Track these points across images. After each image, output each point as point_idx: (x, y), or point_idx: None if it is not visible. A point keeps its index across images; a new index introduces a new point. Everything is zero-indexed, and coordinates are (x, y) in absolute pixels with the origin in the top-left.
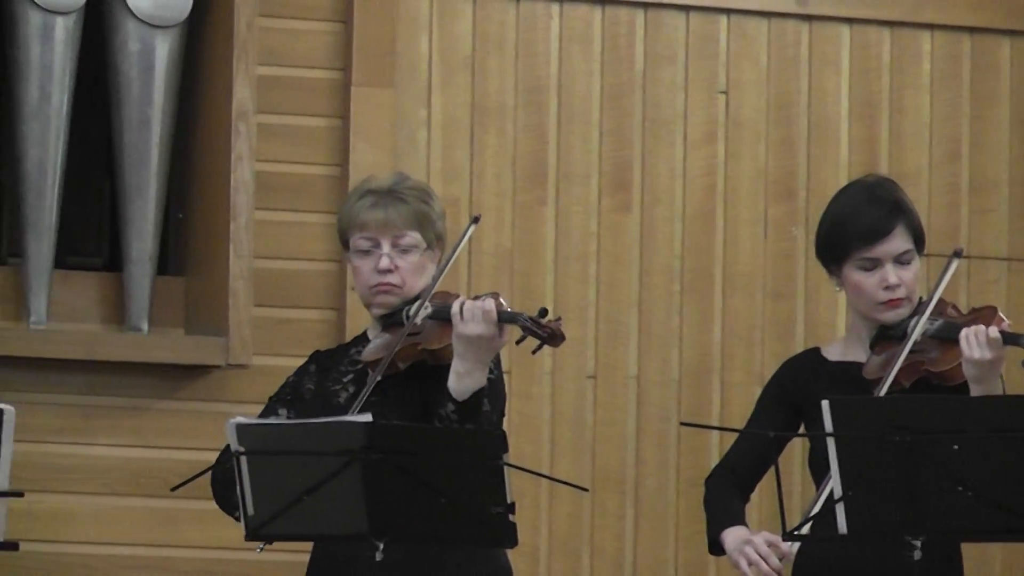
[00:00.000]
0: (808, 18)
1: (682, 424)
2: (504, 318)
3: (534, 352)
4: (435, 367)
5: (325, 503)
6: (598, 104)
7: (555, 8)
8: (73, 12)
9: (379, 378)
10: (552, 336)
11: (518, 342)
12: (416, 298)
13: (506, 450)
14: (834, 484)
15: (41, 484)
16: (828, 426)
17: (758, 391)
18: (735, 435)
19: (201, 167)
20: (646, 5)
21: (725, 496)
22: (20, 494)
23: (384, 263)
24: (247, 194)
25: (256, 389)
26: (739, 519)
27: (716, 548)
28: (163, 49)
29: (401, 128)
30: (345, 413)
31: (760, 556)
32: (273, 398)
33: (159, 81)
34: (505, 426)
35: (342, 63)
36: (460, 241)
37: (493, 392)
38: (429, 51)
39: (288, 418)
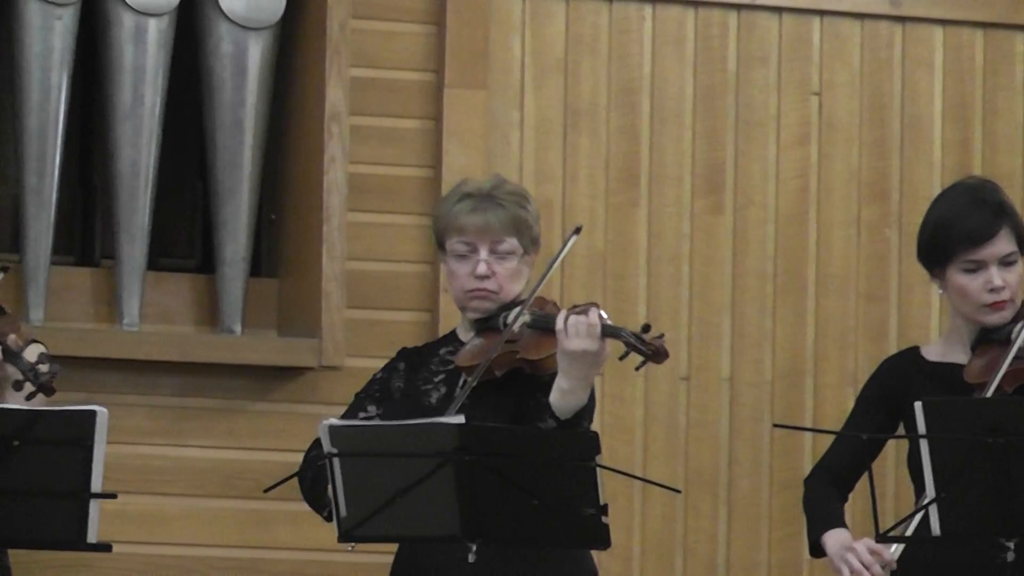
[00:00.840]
0: (901, 19)
1: (775, 426)
2: (607, 332)
3: (637, 369)
4: (532, 376)
5: (418, 504)
6: (691, 105)
7: (648, 9)
8: (166, 14)
9: (474, 383)
10: (656, 353)
11: (621, 358)
12: (512, 304)
13: (599, 451)
14: (927, 486)
15: (134, 486)
16: (921, 427)
17: (851, 393)
18: (828, 437)
19: (294, 169)
20: (739, 7)
21: (825, 497)
22: (113, 496)
23: (482, 269)
24: (340, 196)
25: (348, 391)
26: (839, 521)
27: (817, 551)
28: (256, 51)
29: (494, 130)
30: (436, 414)
31: (863, 564)
32: (360, 394)
33: (252, 83)
34: (598, 427)
35: (435, 65)
36: (561, 251)
37: (590, 406)
38: (522, 53)
39: (377, 415)
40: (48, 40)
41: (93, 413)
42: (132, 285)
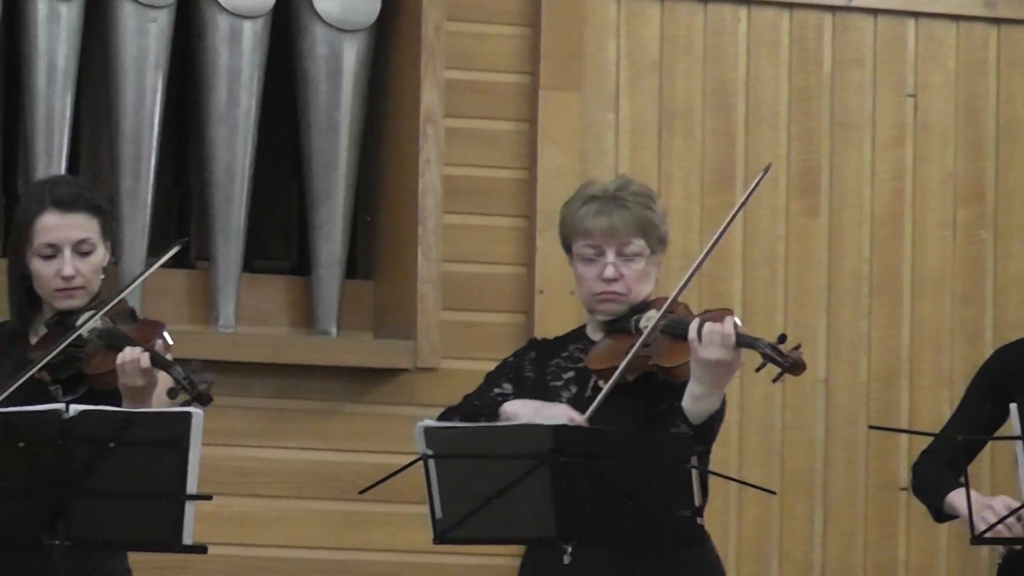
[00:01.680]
0: (996, 21)
1: (871, 428)
2: (743, 343)
3: (774, 380)
4: (664, 381)
5: (513, 506)
6: (786, 107)
7: (743, 11)
8: (261, 16)
9: (609, 390)
10: (794, 365)
11: (757, 370)
12: (641, 305)
13: (694, 453)
14: (1021, 486)
15: (229, 487)
16: (1016, 428)
17: (947, 394)
18: (924, 439)
19: (389, 171)
20: (834, 8)
21: (936, 470)
22: (208, 497)
23: (609, 272)
24: (435, 198)
25: (444, 392)
26: (958, 485)
27: (942, 516)
28: (351, 53)
29: (588, 132)
30: None
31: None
32: (494, 373)
33: (347, 85)
34: None
35: (530, 67)
36: (705, 252)
37: (721, 410)
38: (617, 55)
39: (512, 393)
40: (143, 42)
41: (188, 415)
42: (228, 287)
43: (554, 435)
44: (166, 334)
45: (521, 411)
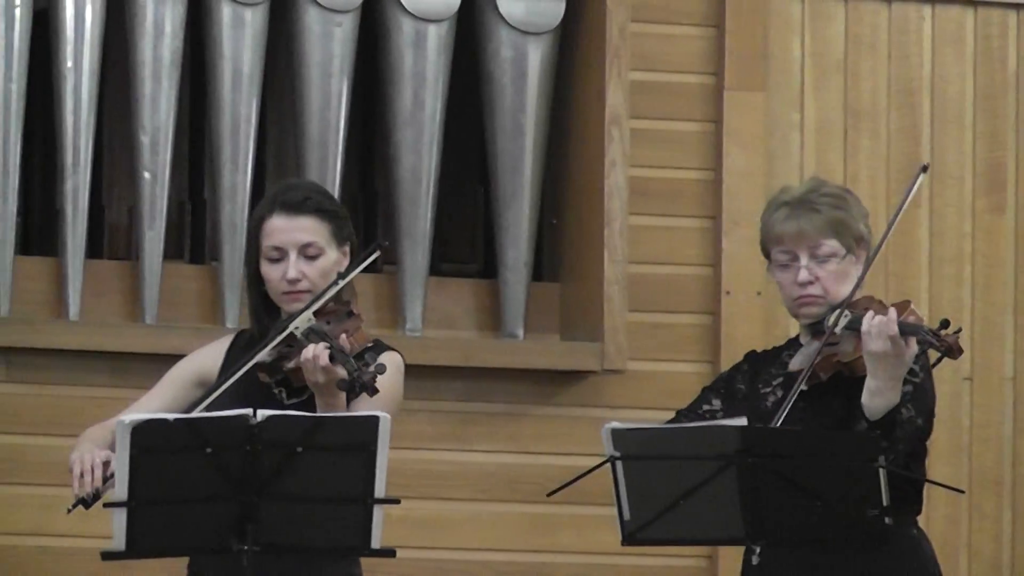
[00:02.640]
0: None
1: None
2: (905, 331)
3: (932, 366)
4: (852, 379)
5: (701, 507)
6: (971, 105)
7: (927, 10)
8: (446, 20)
9: (804, 388)
10: (950, 350)
11: (933, 364)
12: (842, 305)
13: (882, 452)
14: None
15: (418, 491)
16: None
17: None
18: None
19: (574, 173)
20: (1018, 6)
21: None
22: (397, 501)
23: (803, 276)
24: (621, 199)
25: (631, 394)
26: None
27: None
28: (535, 55)
29: (774, 132)
30: (770, 418)
31: None
32: (707, 388)
33: (532, 87)
34: None
35: (715, 67)
36: (879, 247)
37: (917, 395)
38: (801, 54)
39: (720, 409)
40: (328, 47)
41: (376, 418)
42: (414, 290)
43: (741, 435)
44: (364, 330)
45: None
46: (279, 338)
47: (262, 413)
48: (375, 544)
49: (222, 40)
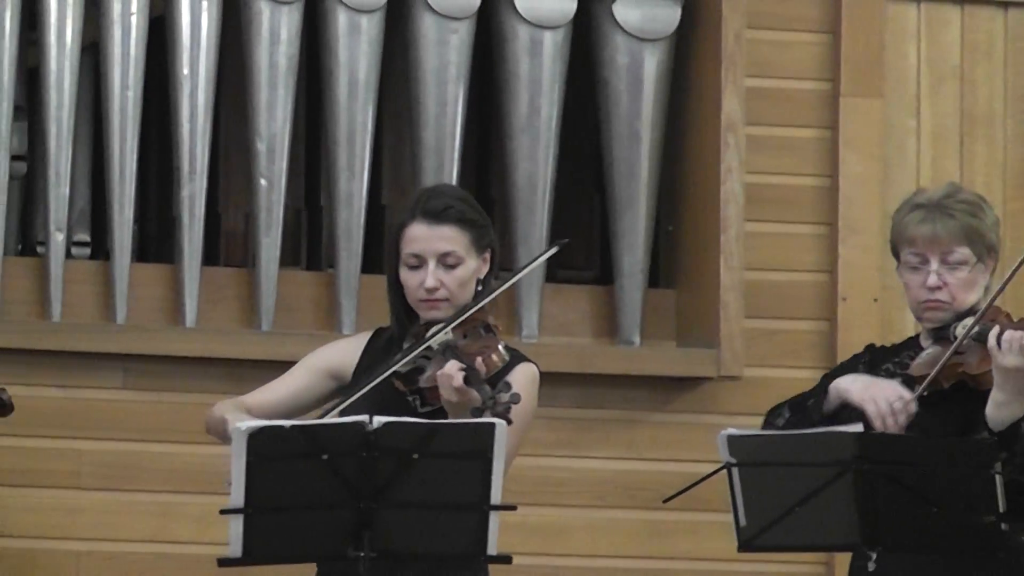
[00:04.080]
0: None
1: None
2: None
3: None
4: (974, 389)
5: (817, 513)
6: None
7: None
8: (561, 27)
9: (925, 394)
10: None
11: None
12: (967, 313)
13: (998, 459)
14: None
15: (534, 497)
16: None
17: None
18: None
19: (690, 180)
20: None
21: None
22: (513, 507)
23: (932, 280)
24: (737, 206)
25: (747, 401)
26: None
27: None
28: (651, 62)
29: (890, 138)
30: None
31: None
32: (827, 375)
33: (647, 94)
34: None
35: (830, 74)
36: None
37: None
38: (917, 60)
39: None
40: (444, 54)
41: (492, 425)
42: (531, 297)
43: (858, 442)
44: (501, 347)
45: (852, 386)
46: (416, 352)
47: (378, 420)
48: (491, 551)
49: (338, 47)
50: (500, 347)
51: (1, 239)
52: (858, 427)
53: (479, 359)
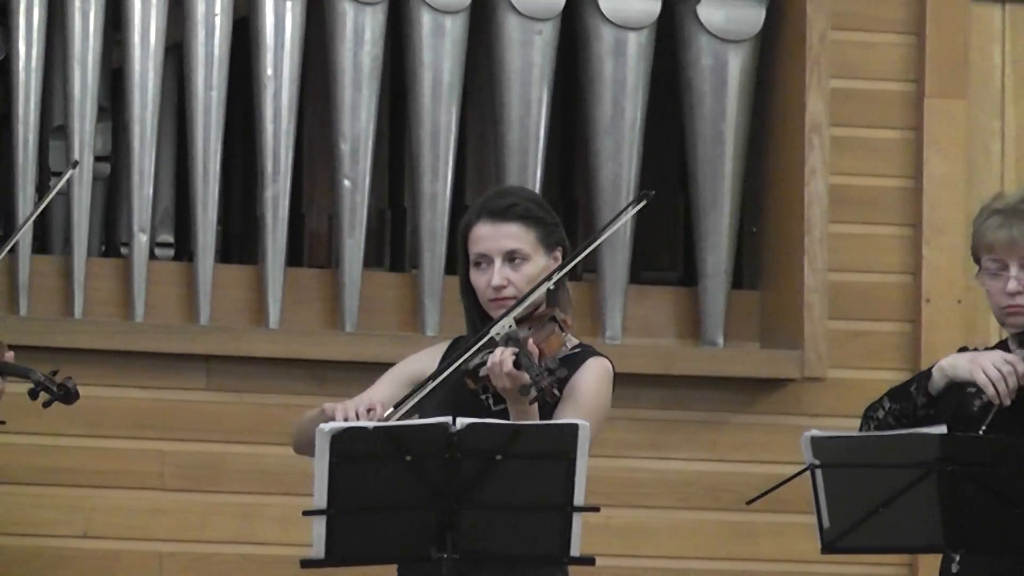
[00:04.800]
0: None
1: None
2: None
3: None
4: None
5: (900, 515)
6: None
7: None
8: (646, 28)
9: (999, 404)
10: None
11: None
12: None
13: None
14: None
15: (617, 498)
16: None
17: None
18: None
19: (774, 181)
20: None
21: None
22: (596, 509)
23: (1012, 286)
24: (821, 207)
25: (831, 402)
26: None
27: None
28: (735, 63)
29: (974, 139)
30: (975, 423)
31: None
32: (922, 374)
33: (732, 95)
34: None
35: (915, 75)
36: None
37: None
38: (1002, 61)
39: (924, 406)
40: (528, 55)
41: (575, 426)
42: (615, 298)
43: (941, 444)
44: (564, 336)
45: (956, 361)
46: (479, 344)
47: (461, 421)
48: (574, 552)
49: (422, 48)
50: (562, 335)
51: (85, 240)
52: (942, 428)
53: (531, 341)
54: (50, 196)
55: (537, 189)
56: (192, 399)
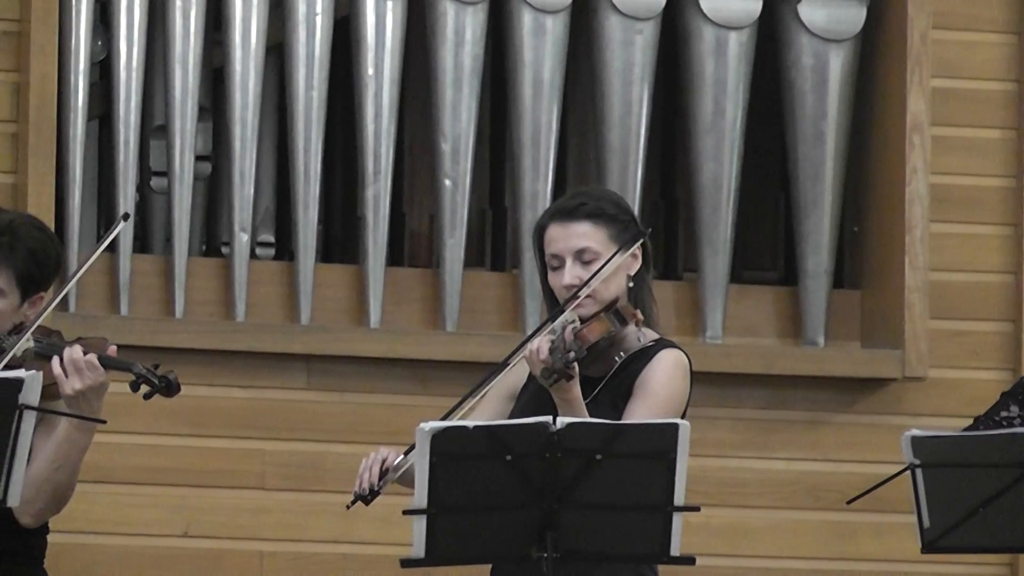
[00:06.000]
0: None
1: None
2: None
3: None
4: None
5: (1001, 514)
6: None
7: None
8: (746, 27)
9: None
10: None
11: None
12: None
13: None
14: None
15: (718, 498)
16: None
17: None
18: None
19: (875, 180)
20: None
21: None
22: (696, 508)
23: None
24: (922, 207)
25: (932, 402)
26: None
27: None
28: (836, 63)
29: None
30: None
31: None
32: (1006, 393)
33: (833, 95)
34: None
35: (1016, 74)
36: None
37: None
38: None
39: (1019, 416)
40: (629, 54)
41: (675, 426)
42: (715, 298)
43: None
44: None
45: None
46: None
47: (561, 420)
48: (674, 551)
49: (523, 47)
50: (609, 322)
51: (186, 240)
52: None
53: (568, 329)
54: (99, 249)
55: (637, 188)
56: (293, 399)
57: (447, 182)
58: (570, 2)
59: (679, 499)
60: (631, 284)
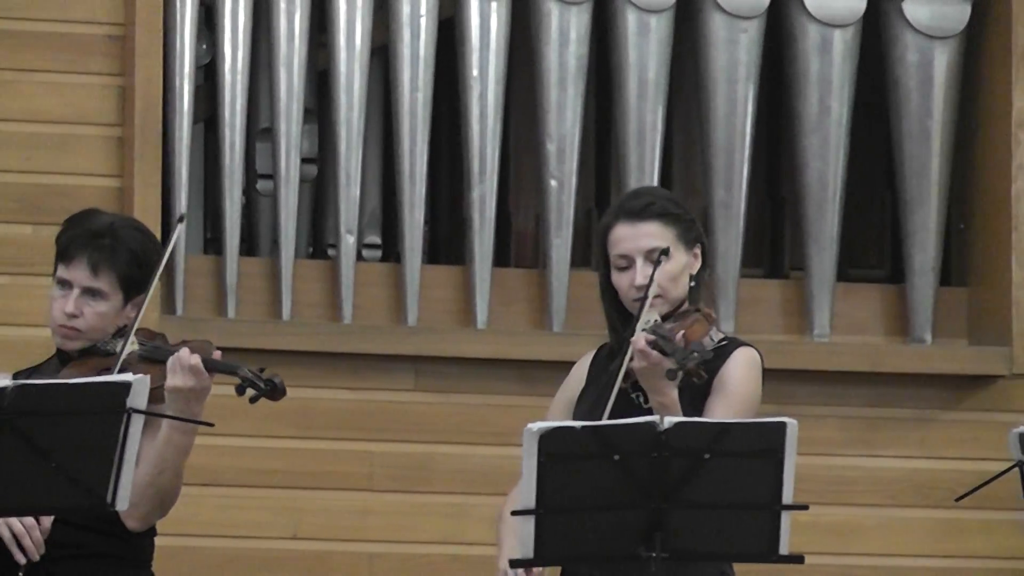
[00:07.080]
0: None
1: None
2: None
3: None
4: None
5: None
6: None
7: None
8: (851, 25)
9: None
10: None
11: None
12: None
13: None
14: None
15: (826, 497)
16: None
17: None
18: None
19: (981, 177)
20: None
21: None
22: (805, 507)
23: None
24: None
25: None
26: None
27: None
28: (941, 59)
29: None
30: None
31: None
32: None
33: (938, 91)
34: None
35: None
36: None
37: None
38: None
39: None
40: (734, 53)
41: (783, 425)
42: (822, 296)
43: None
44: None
45: None
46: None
47: (669, 419)
48: (783, 550)
49: (628, 47)
50: (707, 324)
51: (292, 242)
52: None
53: (669, 326)
54: (164, 259)
55: (743, 187)
56: (400, 400)
57: (552, 182)
58: (674, 1)
59: (787, 498)
60: (692, 284)
